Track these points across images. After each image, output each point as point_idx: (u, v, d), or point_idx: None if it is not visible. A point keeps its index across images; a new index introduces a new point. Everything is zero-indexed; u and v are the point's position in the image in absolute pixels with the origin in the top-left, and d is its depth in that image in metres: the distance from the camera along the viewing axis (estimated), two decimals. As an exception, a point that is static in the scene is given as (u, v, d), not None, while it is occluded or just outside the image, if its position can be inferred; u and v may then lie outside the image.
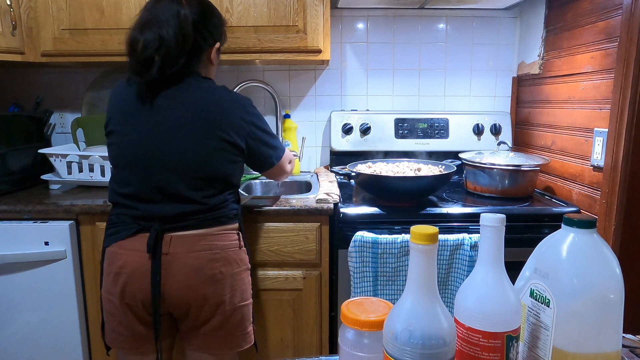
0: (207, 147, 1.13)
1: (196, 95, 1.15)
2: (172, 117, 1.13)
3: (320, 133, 2.15)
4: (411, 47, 2.07)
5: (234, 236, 1.22)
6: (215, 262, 1.15)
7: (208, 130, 1.13)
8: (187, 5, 1.15)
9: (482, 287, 0.56)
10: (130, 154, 1.15)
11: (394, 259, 1.39)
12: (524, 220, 1.49)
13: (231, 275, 1.18)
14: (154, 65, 1.09)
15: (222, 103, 1.16)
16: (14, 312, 1.53)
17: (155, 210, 1.13)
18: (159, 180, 1.13)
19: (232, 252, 1.20)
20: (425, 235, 0.48)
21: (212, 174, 1.15)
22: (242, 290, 1.22)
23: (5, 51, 1.63)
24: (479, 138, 1.99)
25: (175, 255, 1.13)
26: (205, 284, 1.14)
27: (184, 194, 1.13)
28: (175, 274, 1.13)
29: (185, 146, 1.12)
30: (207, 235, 1.16)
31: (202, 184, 1.15)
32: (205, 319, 1.17)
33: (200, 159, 1.13)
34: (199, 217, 1.15)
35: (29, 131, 1.89)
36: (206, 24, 1.19)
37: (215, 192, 1.17)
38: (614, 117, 1.35)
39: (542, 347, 0.59)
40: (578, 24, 1.59)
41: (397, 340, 0.49)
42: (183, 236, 1.14)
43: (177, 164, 1.12)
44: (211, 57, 1.24)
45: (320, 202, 1.49)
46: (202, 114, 1.13)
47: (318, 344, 1.59)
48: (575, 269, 0.56)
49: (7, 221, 1.50)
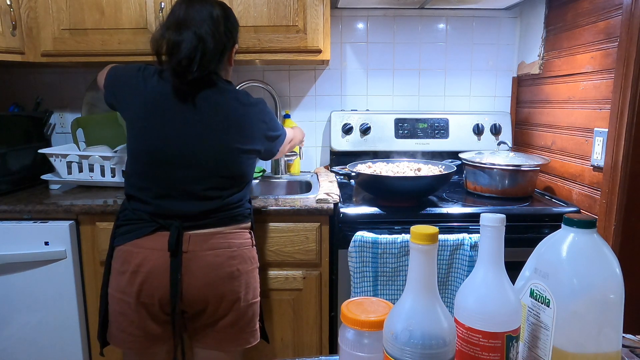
0: (235, 149, 1.18)
1: (225, 98, 1.20)
2: (205, 118, 1.16)
3: (320, 133, 2.15)
4: (411, 47, 2.07)
5: (247, 234, 1.25)
6: (233, 260, 1.18)
7: (236, 134, 1.18)
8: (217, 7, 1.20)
9: (482, 287, 0.56)
10: (155, 150, 1.16)
11: (394, 259, 1.39)
12: (524, 220, 1.49)
13: (246, 273, 1.21)
14: (193, 65, 1.13)
15: (246, 108, 1.21)
16: (14, 312, 1.53)
17: (174, 207, 1.15)
18: (181, 178, 1.15)
19: (247, 250, 1.23)
20: (425, 235, 0.48)
21: (236, 173, 1.20)
22: (254, 288, 1.25)
23: (5, 51, 1.63)
24: (479, 138, 1.99)
25: (195, 253, 1.15)
26: (223, 281, 1.16)
27: (203, 193, 1.16)
28: (195, 271, 1.14)
29: (215, 147, 1.16)
30: (225, 233, 1.19)
31: (227, 183, 1.19)
32: (221, 315, 1.19)
33: (227, 160, 1.18)
34: (219, 215, 1.19)
35: (29, 131, 1.89)
36: (228, 25, 1.23)
37: (235, 190, 1.22)
38: (614, 117, 1.35)
39: (542, 347, 0.59)
40: (578, 24, 1.59)
41: (397, 340, 0.49)
42: (202, 234, 1.16)
43: (205, 163, 1.16)
44: (231, 58, 1.29)
45: (320, 202, 1.49)
46: (231, 117, 1.18)
47: (318, 344, 1.59)
48: (575, 269, 0.56)
49: (7, 221, 1.50)
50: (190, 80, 1.15)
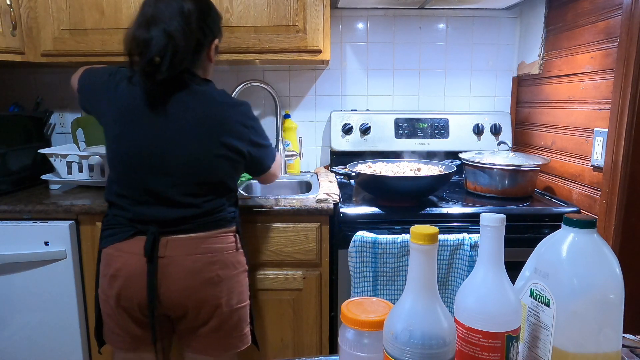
0: (210, 153, 1.12)
1: (199, 99, 1.13)
2: (177, 122, 1.11)
3: (320, 133, 2.14)
4: (411, 47, 2.07)
5: (231, 239, 1.21)
6: (213, 265, 1.15)
7: (211, 137, 1.12)
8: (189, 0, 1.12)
9: (482, 287, 0.56)
10: (129, 157, 1.13)
11: (394, 259, 1.39)
12: (524, 220, 1.49)
13: (228, 278, 1.18)
14: (163, 65, 1.07)
15: (224, 109, 1.15)
16: (14, 312, 1.53)
17: (151, 214, 1.12)
18: (156, 184, 1.11)
19: (230, 254, 1.19)
20: (425, 235, 0.48)
21: (212, 179, 1.15)
22: (240, 292, 1.22)
23: (5, 51, 1.63)
24: (479, 138, 1.99)
25: (172, 258, 1.12)
26: (202, 286, 1.14)
27: (180, 200, 1.12)
28: (173, 277, 1.12)
29: (188, 152, 1.11)
30: (205, 238, 1.15)
31: (202, 190, 1.14)
32: (202, 321, 1.17)
33: (202, 165, 1.12)
34: (197, 221, 1.14)
35: (29, 131, 1.89)
36: (205, 19, 1.15)
37: (213, 197, 1.16)
38: (614, 117, 1.35)
39: (542, 347, 0.59)
40: (578, 24, 1.59)
41: (397, 340, 0.49)
42: (180, 239, 1.13)
43: (176, 170, 1.11)
44: (210, 54, 1.21)
45: (320, 202, 1.49)
46: (206, 120, 1.12)
47: (318, 344, 1.59)
48: (575, 269, 0.56)
49: (7, 221, 1.50)
50: (161, 81, 1.09)
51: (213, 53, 1.22)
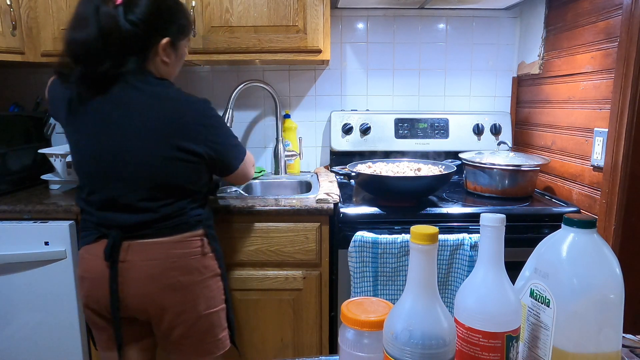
0: (159, 157, 1.08)
1: (146, 101, 1.08)
2: (122, 126, 1.07)
3: (320, 133, 2.14)
4: (411, 47, 2.07)
5: (197, 243, 1.17)
6: (173, 271, 1.12)
7: (160, 139, 1.07)
8: None
9: (482, 287, 0.56)
10: (85, 164, 1.12)
11: (394, 259, 1.39)
12: (524, 220, 1.49)
13: (193, 284, 1.15)
14: (92, 66, 1.04)
15: (174, 108, 1.09)
16: (14, 312, 1.53)
17: (113, 219, 1.11)
18: (113, 190, 1.10)
19: (194, 259, 1.15)
20: (425, 235, 0.48)
21: (166, 183, 1.10)
22: (209, 298, 1.18)
23: (5, 51, 1.63)
24: (479, 138, 1.99)
25: (132, 262, 1.10)
26: (162, 292, 1.12)
27: (138, 205, 1.09)
28: (133, 281, 1.11)
29: (137, 157, 1.07)
30: (165, 243, 1.12)
31: (157, 194, 1.10)
32: (168, 327, 1.15)
33: (153, 169, 1.08)
34: (156, 225, 1.11)
35: (29, 131, 1.89)
36: (146, 18, 1.07)
37: (171, 201, 1.12)
38: (614, 117, 1.35)
39: (542, 347, 0.59)
40: (578, 24, 1.59)
41: (397, 340, 0.49)
42: (141, 244, 1.11)
43: (129, 175, 1.08)
44: (160, 54, 1.12)
45: (320, 202, 1.49)
46: (153, 122, 1.07)
47: (318, 344, 1.59)
48: (575, 269, 0.56)
49: (7, 221, 1.50)
50: (97, 85, 1.06)
51: (165, 52, 1.13)
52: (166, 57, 1.14)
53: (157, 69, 1.15)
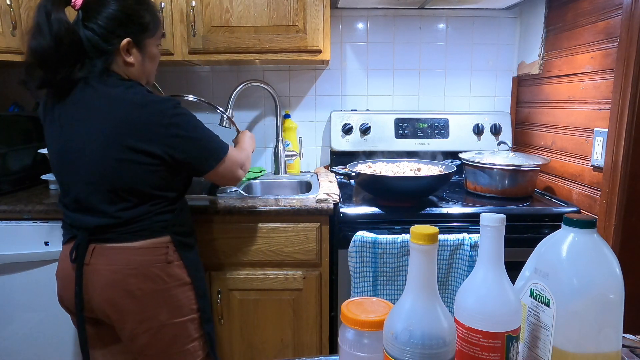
0: (111, 158, 1.06)
1: (102, 102, 1.07)
2: (80, 128, 1.07)
3: (320, 133, 2.14)
4: (411, 47, 2.07)
5: (161, 251, 1.13)
6: (132, 278, 1.10)
7: (113, 141, 1.05)
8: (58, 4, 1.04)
9: (482, 287, 0.56)
10: (54, 166, 1.14)
11: (394, 259, 1.39)
12: (524, 220, 1.49)
13: (154, 292, 1.12)
14: (35, 76, 1.05)
15: (129, 109, 1.06)
16: (14, 312, 1.53)
17: (80, 221, 1.11)
18: (77, 192, 1.10)
19: (156, 267, 1.12)
20: (425, 235, 0.48)
21: (122, 186, 1.08)
22: (174, 307, 1.15)
23: (5, 51, 1.63)
24: (479, 138, 1.99)
25: (96, 266, 1.09)
26: (122, 299, 1.10)
27: (98, 207, 1.09)
28: (95, 285, 1.10)
29: (93, 159, 1.07)
30: (127, 249, 1.10)
31: (114, 198, 1.08)
32: (130, 335, 1.13)
33: (107, 172, 1.07)
34: (118, 230, 1.09)
35: (29, 131, 1.88)
36: (104, 22, 1.07)
37: (129, 205, 1.10)
38: (614, 117, 1.35)
39: (542, 347, 0.59)
40: (578, 24, 1.59)
41: (397, 340, 0.49)
42: (104, 248, 1.10)
43: (88, 177, 1.08)
44: (123, 55, 1.11)
45: (320, 202, 1.49)
46: (108, 123, 1.05)
47: (318, 344, 1.59)
48: (575, 269, 0.56)
49: (7, 221, 1.50)
50: (58, 89, 1.07)
51: (129, 53, 1.12)
52: (129, 57, 1.12)
53: (124, 70, 1.13)
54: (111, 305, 1.10)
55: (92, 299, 1.11)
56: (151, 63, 1.20)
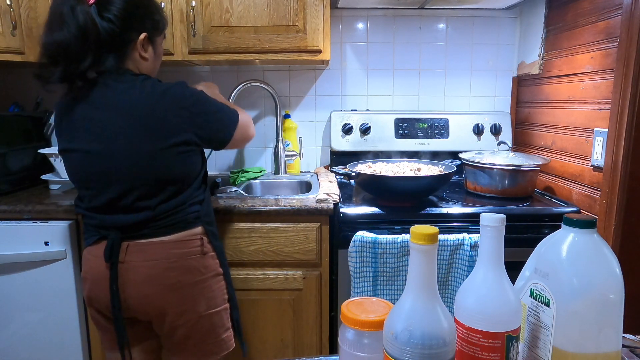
0: (143, 152, 1.06)
1: (124, 97, 1.07)
2: (107, 127, 1.06)
3: (320, 133, 2.14)
4: (411, 47, 2.07)
5: (196, 242, 1.15)
6: (172, 271, 1.11)
7: (143, 134, 1.06)
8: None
9: (482, 287, 0.56)
10: (79, 172, 1.12)
11: (394, 259, 1.39)
12: (524, 220, 1.49)
13: (193, 284, 1.14)
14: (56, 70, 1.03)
15: (151, 100, 1.06)
16: (14, 312, 1.53)
17: (112, 221, 1.11)
18: (111, 193, 1.09)
19: (193, 259, 1.14)
20: (425, 235, 0.48)
21: (158, 178, 1.08)
22: (209, 298, 1.17)
23: (5, 51, 1.63)
24: (479, 138, 1.99)
25: (132, 263, 1.10)
26: (162, 293, 1.11)
27: (135, 205, 1.09)
28: (132, 282, 1.10)
29: (124, 155, 1.06)
30: (164, 243, 1.11)
31: (154, 190, 1.09)
32: (169, 328, 1.15)
33: (144, 167, 1.07)
34: (154, 225, 1.10)
35: (29, 131, 1.89)
36: (122, 15, 1.06)
37: (164, 198, 1.10)
38: (614, 117, 1.35)
39: (542, 347, 0.59)
40: (578, 24, 1.59)
41: (397, 340, 0.49)
42: (139, 244, 1.10)
43: (121, 175, 1.07)
44: (139, 50, 1.12)
45: (320, 202, 1.49)
46: (134, 118, 1.05)
47: (318, 344, 1.59)
48: (575, 269, 0.56)
49: (7, 221, 1.50)
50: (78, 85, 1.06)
51: (143, 48, 1.13)
52: (144, 52, 1.14)
53: (137, 65, 1.14)
54: (151, 300, 1.11)
55: (130, 296, 1.11)
56: (158, 60, 1.22)
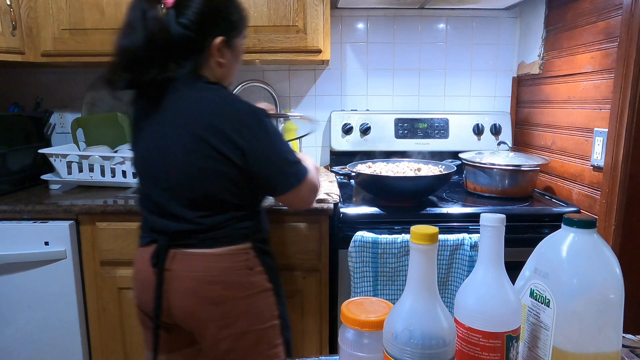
0: (195, 166, 1.02)
1: (187, 107, 1.02)
2: (167, 134, 1.04)
3: (320, 133, 2.14)
4: (411, 47, 2.07)
5: (241, 257, 1.08)
6: (215, 285, 1.06)
7: (197, 148, 1.01)
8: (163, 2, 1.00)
9: (482, 287, 0.56)
10: (138, 170, 1.12)
11: (394, 259, 1.39)
12: (524, 220, 1.49)
13: (237, 299, 1.07)
14: (124, 76, 1.02)
15: (215, 115, 1.01)
16: (14, 312, 1.53)
17: (161, 225, 1.08)
18: (158, 197, 1.08)
19: (238, 274, 1.07)
20: (425, 235, 0.48)
21: (202, 194, 1.04)
22: (254, 314, 1.10)
23: (5, 51, 1.63)
24: (479, 138, 1.99)
25: (176, 272, 1.06)
26: (204, 306, 1.06)
27: (179, 213, 1.06)
28: (176, 292, 1.07)
29: (176, 165, 1.03)
30: (208, 255, 1.06)
31: (195, 205, 1.05)
32: (212, 341, 1.10)
33: (189, 179, 1.03)
34: (199, 237, 1.06)
35: (29, 131, 1.89)
36: (197, 19, 1.02)
37: (209, 213, 1.06)
38: (614, 117, 1.35)
39: (542, 347, 0.59)
40: (578, 24, 1.59)
41: (397, 340, 0.49)
42: (185, 254, 1.07)
43: (170, 183, 1.05)
44: (215, 55, 1.07)
45: (320, 202, 1.49)
46: (192, 128, 1.01)
47: (318, 344, 1.59)
48: (575, 269, 0.56)
49: (7, 221, 1.50)
50: (146, 92, 1.05)
51: (219, 52, 1.07)
52: (221, 57, 1.08)
53: (213, 71, 1.09)
54: (192, 312, 1.07)
55: (173, 305, 1.07)
56: (237, 63, 1.16)
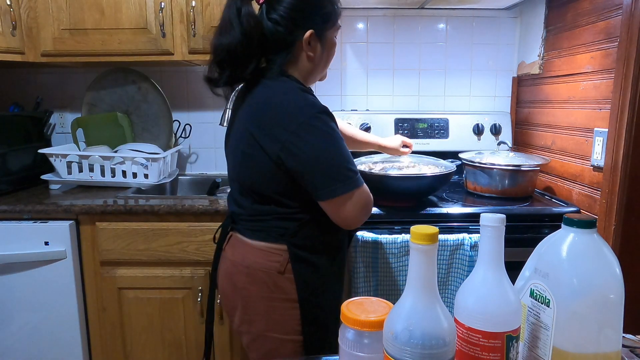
0: (240, 151, 1.04)
1: (252, 100, 1.04)
2: (236, 124, 1.08)
3: (320, 133, 2.14)
4: (411, 47, 2.07)
5: (274, 257, 1.04)
6: (244, 276, 1.05)
7: (243, 136, 1.03)
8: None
9: (482, 287, 0.56)
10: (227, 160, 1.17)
11: (394, 259, 1.39)
12: (524, 220, 1.49)
13: (258, 297, 1.05)
14: (223, 73, 1.03)
15: (262, 105, 1.01)
16: (14, 311, 1.53)
17: (229, 206, 1.16)
18: (231, 183, 1.15)
19: (266, 273, 1.03)
20: (425, 235, 0.48)
21: (245, 181, 1.06)
22: (275, 321, 1.05)
23: (5, 51, 1.63)
24: (479, 138, 1.99)
25: (225, 253, 1.12)
26: (234, 292, 1.07)
27: (237, 197, 1.10)
28: (220, 270, 1.13)
29: (232, 151, 1.09)
30: (248, 245, 1.06)
31: (243, 190, 1.08)
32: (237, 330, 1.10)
33: (236, 164, 1.07)
34: (244, 223, 1.08)
35: (29, 131, 1.89)
36: (288, 14, 1.01)
37: (251, 202, 1.06)
38: (614, 117, 1.35)
39: (542, 347, 0.59)
40: (578, 24, 1.59)
41: (397, 340, 0.49)
42: (236, 238, 1.10)
43: (230, 168, 1.12)
44: (305, 49, 1.05)
45: (320, 202, 1.49)
46: (249, 119, 1.02)
47: (318, 344, 1.59)
48: (575, 269, 0.56)
49: (7, 221, 1.50)
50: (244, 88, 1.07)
51: (308, 46, 1.05)
52: (311, 51, 1.06)
53: (302, 65, 1.08)
54: (226, 293, 1.11)
55: (220, 285, 1.14)
56: (328, 56, 1.14)
